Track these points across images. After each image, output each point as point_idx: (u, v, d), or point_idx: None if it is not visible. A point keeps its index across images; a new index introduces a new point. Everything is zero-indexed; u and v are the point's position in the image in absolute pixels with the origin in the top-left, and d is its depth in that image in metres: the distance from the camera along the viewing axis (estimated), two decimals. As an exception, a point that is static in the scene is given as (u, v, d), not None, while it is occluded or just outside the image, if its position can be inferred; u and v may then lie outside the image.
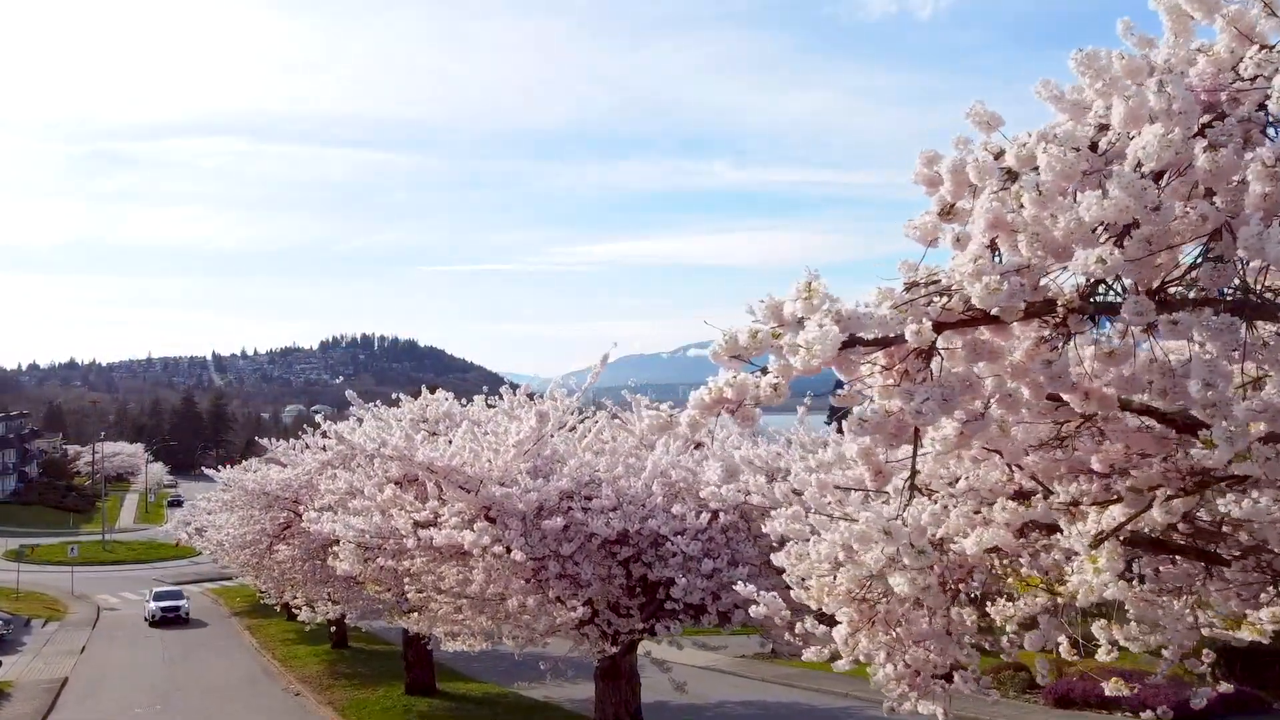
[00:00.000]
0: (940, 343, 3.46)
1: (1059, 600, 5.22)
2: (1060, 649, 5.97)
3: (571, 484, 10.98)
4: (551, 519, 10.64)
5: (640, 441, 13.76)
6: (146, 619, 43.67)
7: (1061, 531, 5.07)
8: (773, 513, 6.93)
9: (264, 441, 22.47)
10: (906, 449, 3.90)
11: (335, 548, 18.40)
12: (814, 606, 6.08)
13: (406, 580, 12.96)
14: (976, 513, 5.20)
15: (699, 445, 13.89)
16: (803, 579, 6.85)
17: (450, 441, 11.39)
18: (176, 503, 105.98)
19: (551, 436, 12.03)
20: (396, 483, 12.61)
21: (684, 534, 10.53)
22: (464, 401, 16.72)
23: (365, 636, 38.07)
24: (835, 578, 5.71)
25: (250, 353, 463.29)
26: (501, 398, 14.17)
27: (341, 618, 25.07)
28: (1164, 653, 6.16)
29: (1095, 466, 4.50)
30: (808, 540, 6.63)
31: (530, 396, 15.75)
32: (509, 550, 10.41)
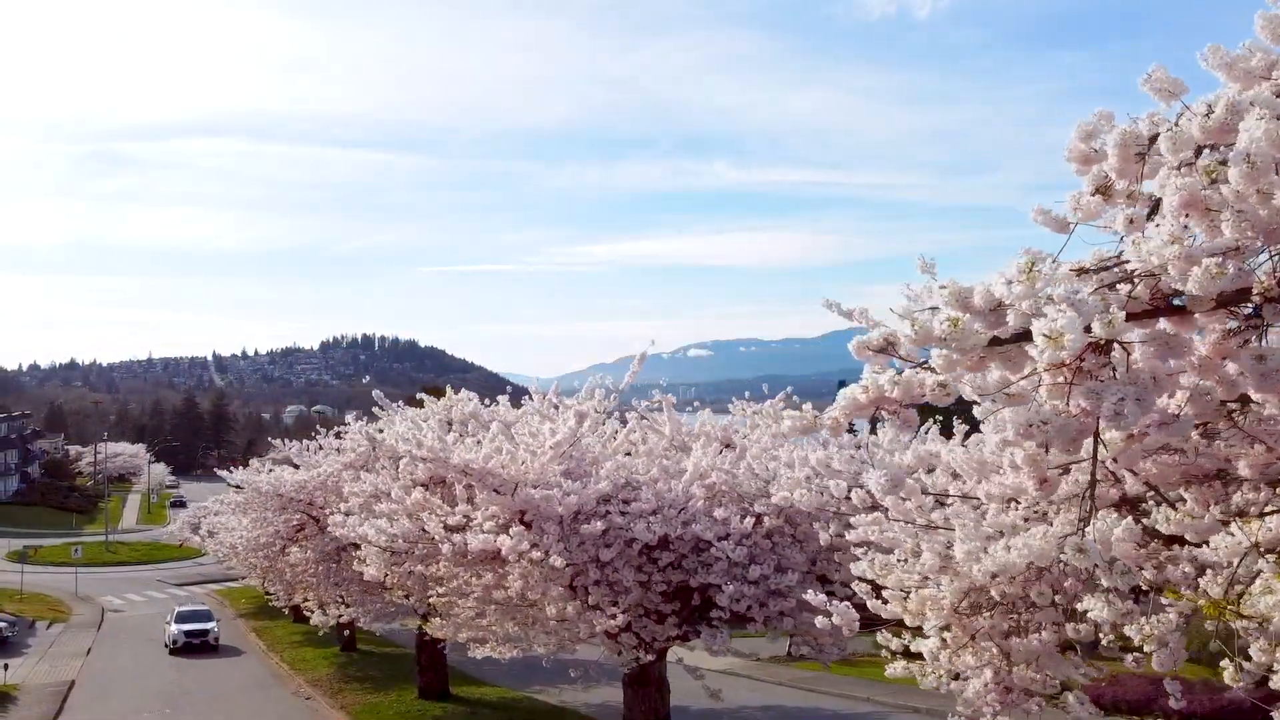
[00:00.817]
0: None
1: (1238, 621, 4.79)
2: (1226, 673, 5.27)
3: (610, 487, 10.58)
4: (590, 523, 10.25)
5: (670, 443, 13.39)
6: (167, 645, 36.24)
7: (1184, 544, 4.70)
8: (853, 520, 6.54)
9: (276, 442, 22.08)
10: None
11: (357, 551, 18.01)
12: (909, 621, 5.69)
13: (432, 585, 12.55)
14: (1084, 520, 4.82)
15: (728, 446, 13.53)
16: (878, 588, 6.48)
17: (480, 442, 11.00)
18: (179, 503, 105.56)
19: (584, 438, 11.63)
20: (422, 485, 12.22)
21: (728, 539, 10.13)
22: (488, 402, 16.31)
23: (374, 639, 37.67)
24: (938, 589, 5.32)
25: (251, 353, 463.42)
26: (531, 397, 13.75)
27: (353, 621, 24.72)
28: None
29: (1244, 472, 4.11)
30: (890, 550, 6.26)
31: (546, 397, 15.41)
32: (547, 556, 10.01)
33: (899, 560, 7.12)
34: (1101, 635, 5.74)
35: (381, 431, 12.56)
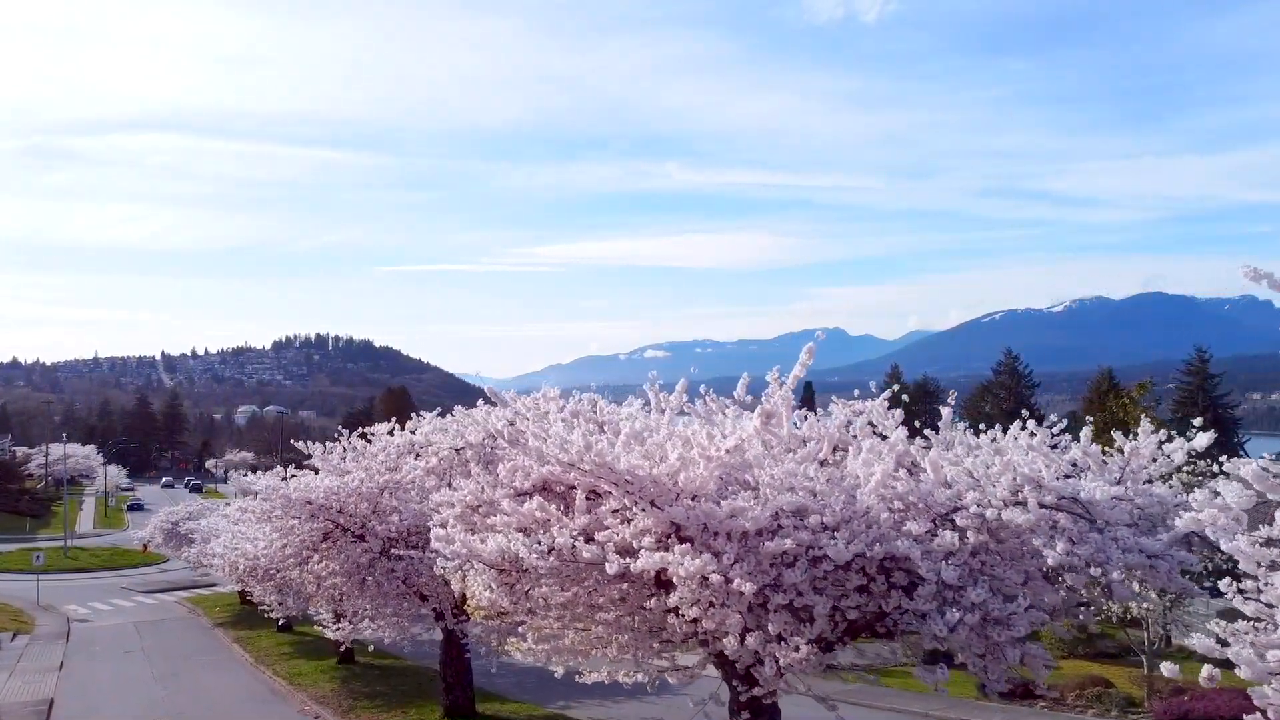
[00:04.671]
0: None
1: None
2: None
3: (794, 499, 9.04)
4: (774, 540, 8.78)
5: (785, 446, 11.97)
6: None
7: None
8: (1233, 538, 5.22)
9: (300, 445, 20.33)
10: None
11: (424, 566, 16.46)
12: None
13: (540, 609, 10.95)
14: None
15: (837, 449, 12.15)
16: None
17: (612, 445, 9.51)
18: (137, 506, 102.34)
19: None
20: (526, 493, 10.70)
21: (929, 556, 8.69)
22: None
23: (370, 651, 35.83)
24: None
25: (201, 352, 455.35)
26: (651, 399, 12.10)
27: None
28: None
29: None
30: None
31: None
32: (728, 580, 8.51)
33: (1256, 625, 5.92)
34: None
35: (513, 425, 10.93)
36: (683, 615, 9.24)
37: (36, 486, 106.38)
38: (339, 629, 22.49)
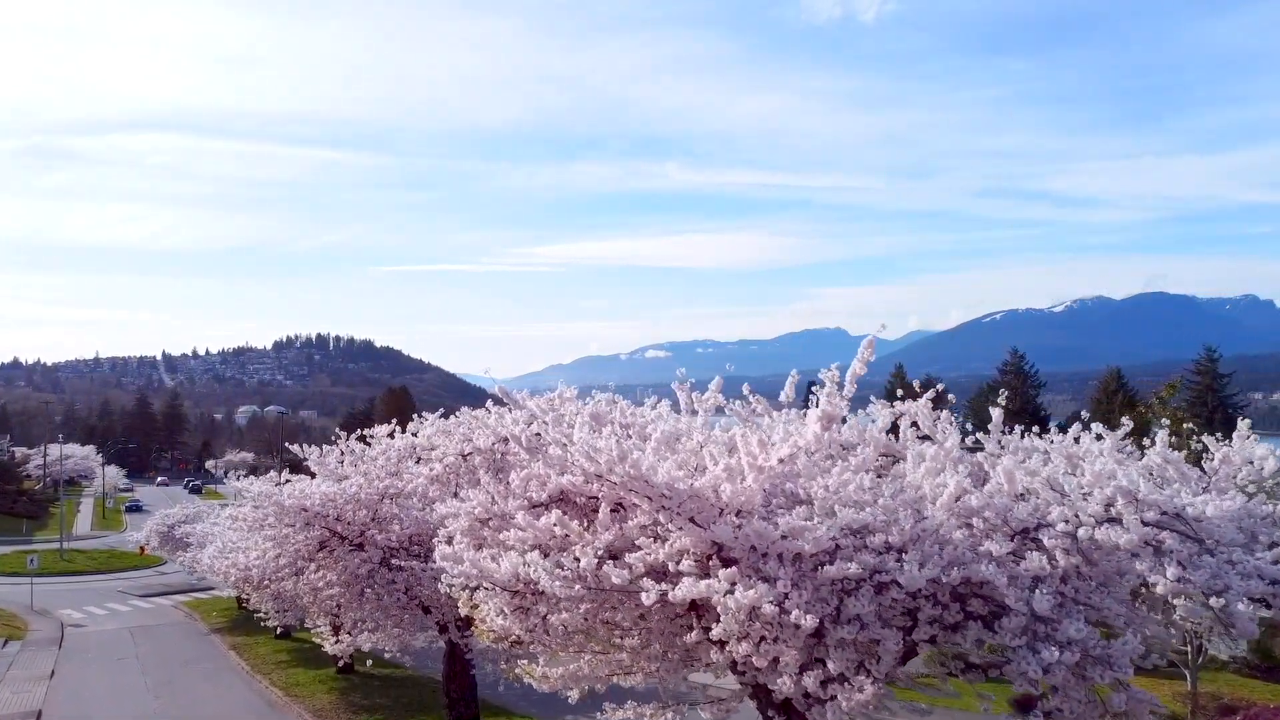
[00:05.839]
0: None
1: None
2: None
3: (858, 516, 7.81)
4: (835, 563, 7.56)
5: (825, 454, 10.85)
6: None
7: None
8: None
9: (296, 448, 19.22)
10: None
11: (427, 578, 15.50)
12: None
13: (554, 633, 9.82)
14: None
15: (887, 455, 11.04)
16: None
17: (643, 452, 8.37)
18: (135, 508, 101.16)
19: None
20: (543, 505, 9.59)
21: (1014, 583, 7.48)
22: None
23: (365, 657, 34.67)
24: None
25: (202, 353, 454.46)
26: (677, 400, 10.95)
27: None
28: None
29: None
30: None
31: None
32: (782, 610, 7.33)
33: None
34: None
35: (529, 426, 9.75)
36: (728, 651, 8.07)
37: (35, 488, 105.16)
38: (338, 643, 21.38)
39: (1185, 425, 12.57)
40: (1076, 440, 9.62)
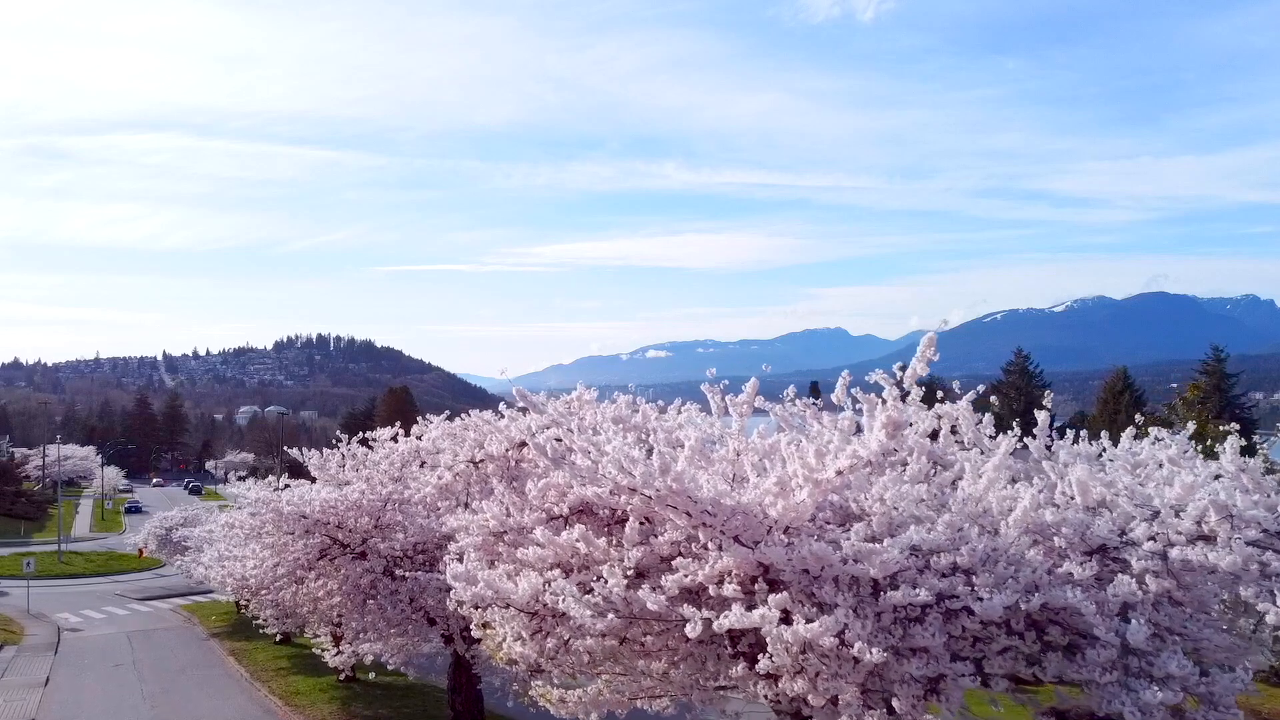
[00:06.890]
0: None
1: None
2: None
3: (928, 536, 6.95)
4: (900, 589, 6.71)
5: (867, 464, 10.02)
6: None
7: None
8: None
9: (295, 452, 18.43)
10: None
11: (432, 588, 14.74)
12: None
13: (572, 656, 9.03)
14: None
15: (937, 464, 10.22)
16: None
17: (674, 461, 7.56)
18: (135, 509, 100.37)
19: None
20: (560, 518, 8.80)
21: (1102, 610, 6.63)
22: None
23: (369, 666, 33.87)
24: None
25: (202, 353, 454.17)
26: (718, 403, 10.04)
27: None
28: None
29: None
30: None
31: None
32: (843, 643, 6.47)
33: None
34: None
35: (547, 430, 8.94)
36: (781, 691, 7.20)
37: (33, 489, 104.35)
38: (339, 654, 20.59)
39: (1221, 429, 11.79)
40: (1147, 442, 8.82)
